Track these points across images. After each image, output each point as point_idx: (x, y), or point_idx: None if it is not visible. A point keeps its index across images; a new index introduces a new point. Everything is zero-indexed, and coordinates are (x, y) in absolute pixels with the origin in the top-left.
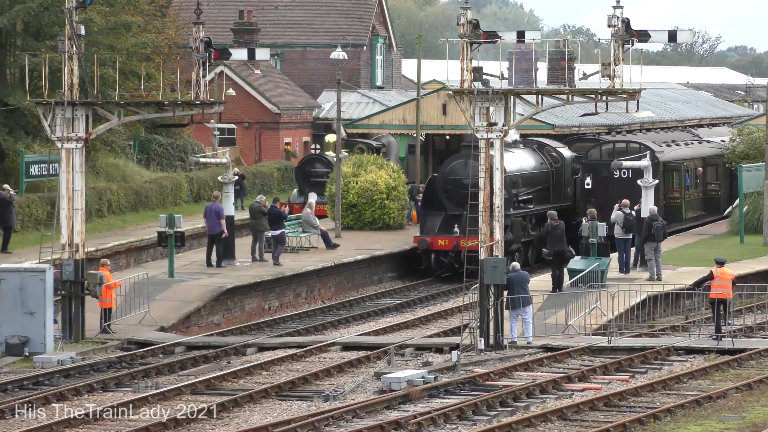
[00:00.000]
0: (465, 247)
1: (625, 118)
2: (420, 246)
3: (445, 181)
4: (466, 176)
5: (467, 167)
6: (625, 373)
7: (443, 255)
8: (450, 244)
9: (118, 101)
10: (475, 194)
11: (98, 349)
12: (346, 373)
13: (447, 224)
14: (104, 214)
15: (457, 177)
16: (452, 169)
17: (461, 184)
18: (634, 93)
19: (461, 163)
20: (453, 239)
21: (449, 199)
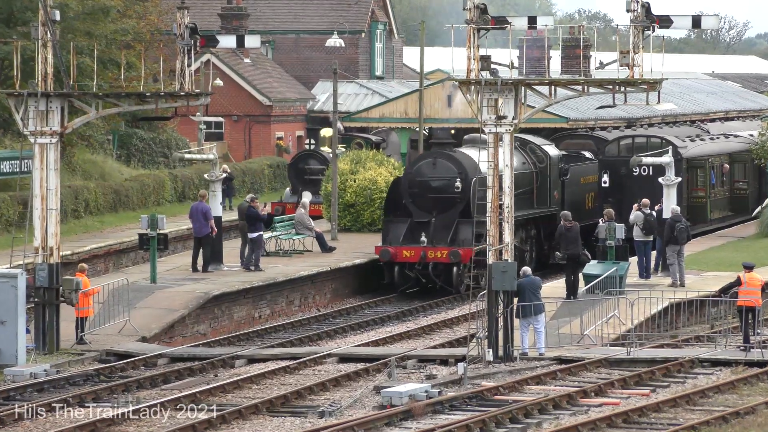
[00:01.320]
0: (432, 258)
1: (645, 110)
2: (382, 257)
3: (411, 183)
4: (435, 177)
5: (436, 167)
6: (646, 387)
7: (408, 268)
8: (416, 256)
9: (96, 92)
10: (444, 199)
11: (74, 361)
12: (343, 387)
13: (413, 232)
14: (81, 215)
15: (424, 179)
16: (419, 170)
17: (429, 186)
18: (655, 83)
19: (429, 162)
20: (419, 249)
21: (415, 204)
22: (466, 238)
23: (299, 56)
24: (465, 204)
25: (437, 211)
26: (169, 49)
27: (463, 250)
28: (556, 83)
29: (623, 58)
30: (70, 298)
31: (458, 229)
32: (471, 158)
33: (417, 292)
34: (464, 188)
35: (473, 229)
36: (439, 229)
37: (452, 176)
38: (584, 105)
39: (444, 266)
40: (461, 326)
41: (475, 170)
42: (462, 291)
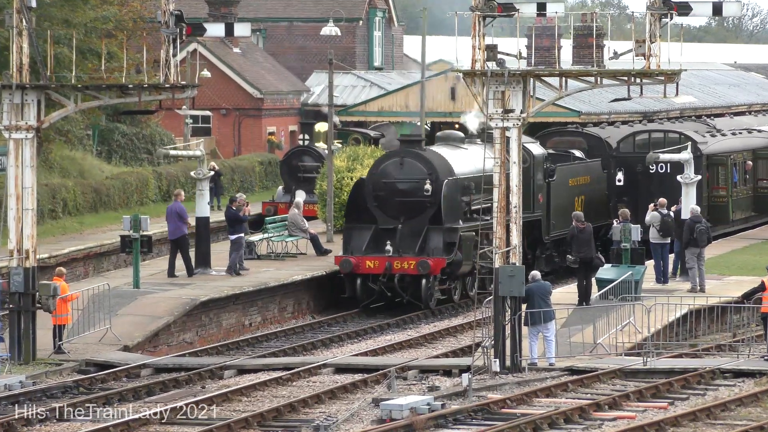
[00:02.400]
0: (399, 269)
1: (663, 103)
2: (342, 269)
3: (376, 185)
4: (402, 179)
5: (403, 168)
6: (664, 400)
7: (372, 280)
8: (380, 266)
9: (74, 84)
10: (412, 203)
11: (52, 371)
12: (339, 400)
13: (377, 240)
14: (59, 215)
15: (390, 180)
16: (384, 171)
17: (395, 189)
18: (673, 75)
19: (395, 162)
20: (384, 260)
21: (381, 209)
22: (437, 246)
23: (292, 45)
24: (436, 209)
25: (405, 217)
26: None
27: (433, 260)
28: (567, 74)
29: (639, 48)
30: (48, 304)
31: (428, 236)
32: (443, 158)
33: (382, 308)
34: (435, 191)
35: (443, 237)
36: (407, 236)
37: (421, 178)
38: (597, 98)
39: (412, 278)
40: (466, 334)
41: (448, 171)
42: (432, 306)
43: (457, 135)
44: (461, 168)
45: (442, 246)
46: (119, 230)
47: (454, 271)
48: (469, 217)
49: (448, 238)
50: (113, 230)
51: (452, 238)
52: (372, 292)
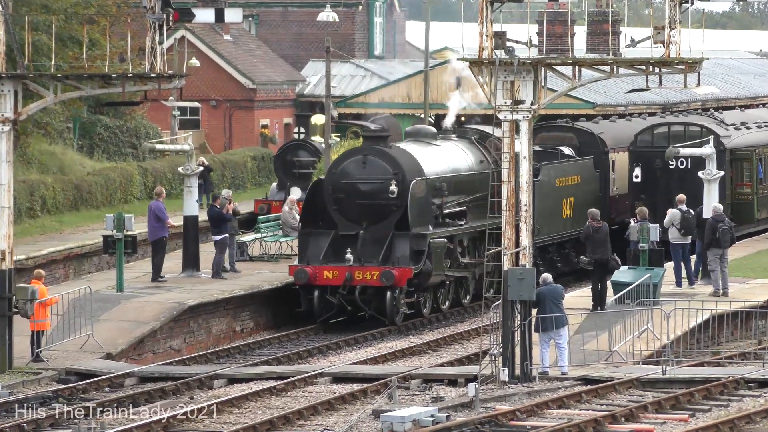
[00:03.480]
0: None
1: (683, 94)
2: (297, 280)
3: (335, 186)
4: (365, 180)
5: (366, 167)
6: (684, 412)
7: (331, 292)
8: (340, 277)
9: (54, 74)
10: (376, 207)
11: (29, 381)
12: (337, 411)
13: (337, 248)
14: (37, 214)
15: (351, 181)
16: (345, 171)
17: (357, 190)
18: (694, 64)
19: (357, 161)
20: (344, 270)
21: (341, 213)
22: (403, 255)
23: (287, 32)
24: (402, 213)
25: (367, 222)
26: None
27: (398, 270)
28: (580, 63)
29: (658, 35)
30: (25, 309)
31: (393, 243)
32: (411, 156)
33: (342, 323)
34: (401, 193)
35: (410, 244)
36: (370, 243)
37: (386, 178)
38: (613, 88)
39: (375, 290)
40: (472, 341)
41: (417, 170)
42: (398, 322)
43: (428, 130)
44: (432, 167)
45: (409, 254)
46: (102, 230)
47: (423, 283)
48: (441, 221)
49: (415, 246)
50: (95, 230)
51: (420, 245)
52: (331, 306)
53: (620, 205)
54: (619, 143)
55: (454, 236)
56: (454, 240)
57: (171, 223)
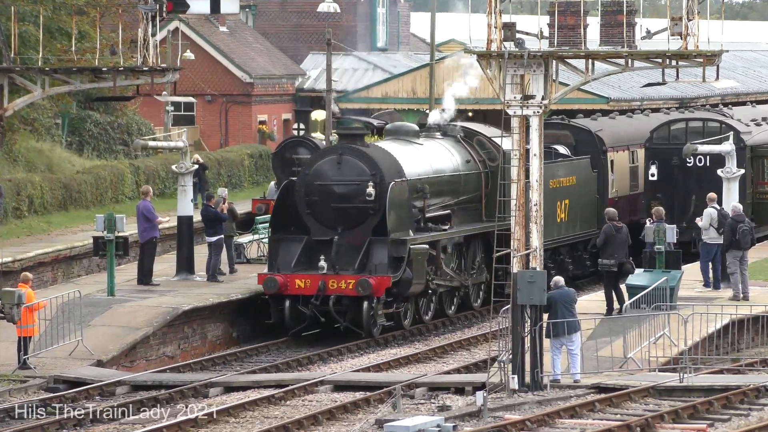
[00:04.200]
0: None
1: (701, 88)
2: (267, 289)
3: (309, 189)
4: (340, 181)
5: (342, 168)
6: (702, 421)
7: (303, 302)
8: (313, 286)
9: (41, 67)
10: (352, 210)
11: (16, 389)
12: (338, 421)
13: (310, 255)
14: (24, 214)
15: (325, 183)
16: (318, 171)
17: (332, 193)
18: (713, 56)
19: (332, 161)
20: (317, 278)
21: (314, 217)
22: (381, 262)
23: (286, 24)
24: (380, 217)
25: (343, 227)
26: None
27: (375, 278)
28: (594, 56)
29: (675, 26)
30: (12, 314)
31: (370, 250)
32: (390, 155)
33: (316, 336)
34: (379, 195)
35: (389, 250)
36: (345, 250)
37: (363, 179)
38: (628, 82)
39: (350, 300)
40: (480, 348)
41: (396, 171)
42: (375, 334)
43: (409, 128)
44: (413, 168)
45: (388, 261)
46: (92, 231)
47: (403, 292)
48: (423, 226)
49: (394, 252)
50: (85, 231)
51: (400, 251)
52: (303, 318)
53: (620, 208)
54: (619, 141)
55: (436, 242)
56: (437, 246)
57: (161, 220)
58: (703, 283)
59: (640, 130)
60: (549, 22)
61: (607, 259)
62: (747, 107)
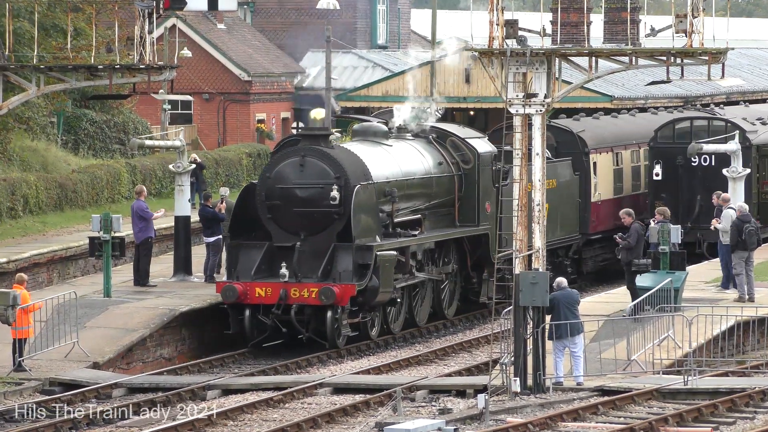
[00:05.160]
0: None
1: (707, 87)
2: (225, 298)
3: (269, 192)
4: (302, 184)
5: (304, 170)
6: (707, 424)
7: (264, 312)
8: (274, 295)
9: (36, 65)
10: (315, 215)
11: (11, 392)
12: (338, 424)
13: (271, 262)
14: (19, 214)
15: (287, 186)
16: (280, 174)
17: (294, 197)
18: (719, 54)
19: (294, 163)
20: (279, 286)
21: (276, 222)
22: (346, 269)
23: (284, 21)
24: (345, 222)
25: (306, 232)
26: (126, 13)
27: (339, 286)
28: (597, 54)
29: (680, 23)
30: (6, 315)
31: (335, 256)
32: (356, 157)
33: (279, 347)
34: (344, 199)
35: (354, 257)
36: (308, 257)
37: (327, 182)
38: (632, 80)
39: (313, 310)
40: (482, 350)
41: (362, 174)
42: (340, 345)
43: (378, 128)
44: (381, 170)
45: (353, 269)
46: (88, 231)
47: (369, 301)
48: (392, 232)
49: (360, 259)
50: (81, 231)
51: (366, 258)
52: (264, 328)
53: (603, 213)
54: (602, 143)
55: (406, 248)
56: (406, 252)
57: (157, 215)
58: (719, 284)
59: (625, 130)
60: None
61: (641, 259)
62: (740, 106)
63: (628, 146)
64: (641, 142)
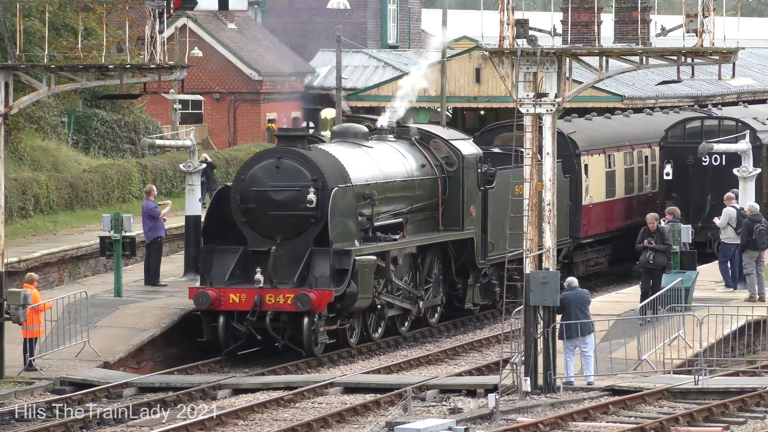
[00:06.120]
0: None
1: (717, 86)
2: (198, 304)
3: (244, 195)
4: (278, 187)
5: (280, 172)
6: (717, 424)
7: (238, 319)
8: (248, 301)
9: (47, 64)
10: (291, 219)
11: (22, 391)
12: (348, 423)
13: (246, 267)
14: (30, 214)
15: (262, 189)
16: (255, 176)
17: (269, 200)
18: (729, 54)
19: (270, 165)
20: (254, 292)
21: (251, 226)
22: (323, 275)
23: (295, 21)
24: (322, 226)
25: (281, 237)
26: (137, 12)
27: (315, 292)
28: (608, 53)
29: (690, 23)
30: (17, 315)
31: (312, 261)
32: (335, 159)
33: (254, 354)
34: (321, 203)
35: (331, 262)
36: (284, 262)
37: (303, 185)
38: (642, 80)
39: (289, 317)
40: (492, 350)
41: (341, 176)
42: (317, 353)
43: (358, 129)
44: (360, 172)
45: (330, 274)
46: (98, 231)
47: (347, 307)
48: (371, 236)
49: (337, 264)
50: (91, 231)
51: (344, 263)
52: (239, 335)
53: (595, 216)
54: (594, 144)
55: (386, 253)
56: (386, 257)
57: (165, 210)
58: (724, 284)
59: (618, 131)
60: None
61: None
62: (739, 107)
63: (621, 148)
64: (635, 143)
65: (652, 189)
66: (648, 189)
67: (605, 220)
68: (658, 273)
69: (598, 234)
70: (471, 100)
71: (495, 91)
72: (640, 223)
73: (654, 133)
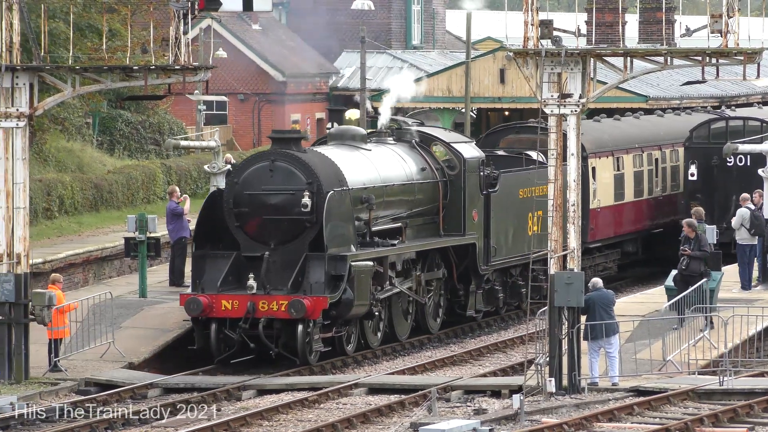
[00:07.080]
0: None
1: (742, 87)
2: (189, 311)
3: (237, 199)
4: (272, 190)
5: (274, 175)
6: (742, 425)
7: (230, 326)
8: (241, 308)
9: (72, 65)
10: (286, 223)
11: (47, 392)
12: (373, 424)
13: (239, 273)
14: (54, 215)
15: (256, 192)
16: (249, 179)
17: (263, 204)
18: (754, 54)
19: (264, 168)
20: (246, 299)
21: (244, 230)
22: (318, 281)
23: (319, 22)
24: (317, 230)
25: (275, 241)
26: (162, 14)
27: (310, 299)
28: (632, 54)
29: (715, 23)
30: (42, 315)
31: (306, 267)
32: (330, 162)
33: (248, 362)
34: (316, 206)
35: (326, 268)
36: (278, 267)
37: (298, 188)
38: (667, 81)
39: (283, 324)
40: (517, 350)
41: (337, 180)
42: (312, 361)
43: (355, 132)
44: (357, 176)
45: (325, 280)
46: (123, 231)
47: (342, 314)
48: (369, 241)
49: (333, 270)
50: (116, 231)
51: (339, 269)
52: (232, 343)
53: (603, 220)
54: (602, 147)
55: (384, 258)
56: (384, 263)
57: (186, 209)
58: (740, 286)
59: (627, 134)
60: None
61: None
62: (753, 108)
63: (631, 150)
64: (645, 146)
65: (663, 192)
66: (659, 192)
67: (614, 224)
68: (694, 280)
69: (606, 238)
70: (495, 101)
71: (519, 91)
72: (650, 227)
73: (664, 135)
